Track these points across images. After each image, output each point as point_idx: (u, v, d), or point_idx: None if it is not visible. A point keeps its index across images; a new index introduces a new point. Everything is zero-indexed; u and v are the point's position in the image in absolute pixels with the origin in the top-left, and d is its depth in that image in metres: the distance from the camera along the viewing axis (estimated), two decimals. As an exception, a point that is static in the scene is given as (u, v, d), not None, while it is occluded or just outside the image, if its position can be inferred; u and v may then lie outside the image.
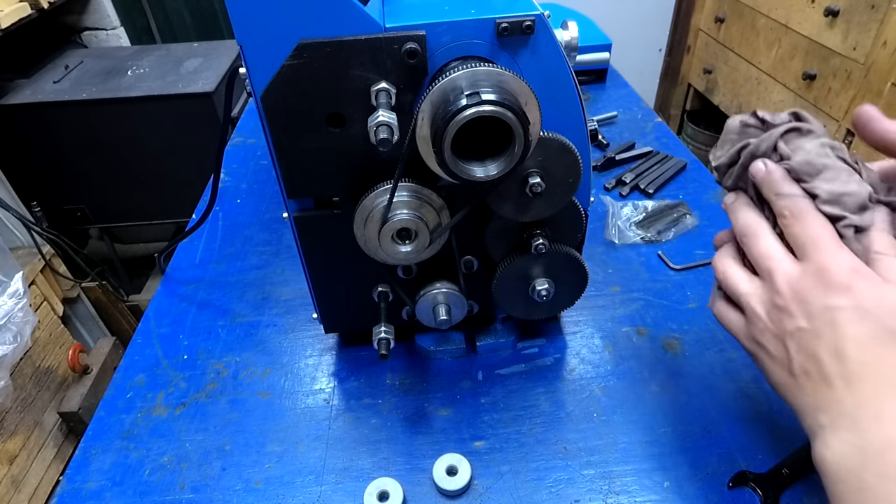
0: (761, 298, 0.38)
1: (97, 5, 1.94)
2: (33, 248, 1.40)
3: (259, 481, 0.52)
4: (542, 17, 0.42)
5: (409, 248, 0.48)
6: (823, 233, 0.35)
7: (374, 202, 0.46)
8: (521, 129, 0.38)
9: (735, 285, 0.40)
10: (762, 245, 0.38)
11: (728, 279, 0.40)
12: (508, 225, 0.51)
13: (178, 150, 1.54)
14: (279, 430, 0.56)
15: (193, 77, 1.52)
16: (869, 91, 1.40)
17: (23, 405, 1.29)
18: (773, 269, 0.37)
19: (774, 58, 1.78)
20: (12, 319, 1.16)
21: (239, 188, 0.94)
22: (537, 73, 0.44)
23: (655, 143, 0.99)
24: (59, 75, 1.56)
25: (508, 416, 0.56)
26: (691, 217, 0.80)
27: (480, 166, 0.41)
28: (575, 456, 0.52)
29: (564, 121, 0.47)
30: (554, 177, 0.46)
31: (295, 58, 0.40)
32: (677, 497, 0.48)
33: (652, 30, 2.47)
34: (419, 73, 0.41)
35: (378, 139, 0.38)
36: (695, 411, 0.55)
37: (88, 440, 0.56)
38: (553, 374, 0.60)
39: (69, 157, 1.54)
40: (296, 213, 0.50)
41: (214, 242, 0.82)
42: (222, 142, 0.59)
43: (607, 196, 0.86)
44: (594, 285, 0.70)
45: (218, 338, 0.66)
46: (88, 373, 1.47)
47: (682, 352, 0.61)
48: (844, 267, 0.34)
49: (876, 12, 1.36)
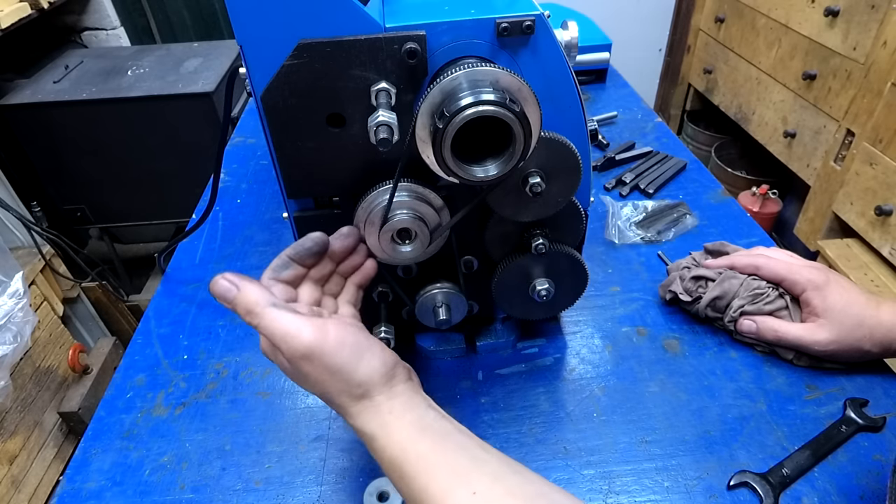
0: None
1: (97, 5, 1.94)
2: (33, 248, 1.40)
3: (259, 481, 0.52)
4: (542, 17, 0.42)
5: (409, 248, 0.48)
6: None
7: (374, 202, 0.46)
8: (521, 129, 0.38)
9: None
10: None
11: None
12: (508, 225, 0.51)
13: (178, 150, 1.54)
14: (279, 430, 0.56)
15: (193, 77, 1.52)
16: (869, 91, 1.40)
17: (23, 405, 1.29)
18: None
19: (774, 58, 1.78)
20: (12, 319, 1.16)
21: (239, 188, 0.94)
22: (537, 73, 0.44)
23: (655, 143, 0.99)
24: (59, 75, 1.56)
25: (508, 415, 0.56)
26: (691, 217, 0.80)
27: (480, 166, 0.41)
28: (575, 456, 0.52)
29: (564, 121, 0.47)
30: (554, 177, 0.46)
31: (295, 58, 0.40)
32: (677, 497, 0.48)
33: (652, 30, 2.47)
34: (419, 73, 0.41)
35: (378, 139, 0.38)
36: (695, 411, 0.55)
37: (88, 440, 0.56)
38: (553, 374, 0.60)
39: (69, 157, 1.54)
40: (296, 213, 0.50)
41: (214, 242, 0.82)
42: (222, 142, 0.59)
43: (607, 196, 0.86)
44: (594, 285, 0.70)
45: (218, 338, 0.66)
46: (88, 373, 1.47)
47: (682, 352, 0.61)
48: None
49: (876, 12, 1.36)
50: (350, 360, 0.39)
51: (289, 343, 0.37)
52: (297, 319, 0.38)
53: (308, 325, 0.38)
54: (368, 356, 0.40)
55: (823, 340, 0.55)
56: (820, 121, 1.60)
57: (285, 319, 0.38)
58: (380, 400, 0.39)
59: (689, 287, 0.63)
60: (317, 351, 0.38)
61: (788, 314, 0.58)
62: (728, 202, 0.84)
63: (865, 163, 1.40)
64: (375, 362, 0.40)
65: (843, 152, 1.50)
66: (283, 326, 0.38)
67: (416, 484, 0.37)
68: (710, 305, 0.61)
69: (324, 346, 0.38)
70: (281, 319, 0.38)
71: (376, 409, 0.39)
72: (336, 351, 0.38)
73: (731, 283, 0.60)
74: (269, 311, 0.38)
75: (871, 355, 0.55)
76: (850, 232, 1.50)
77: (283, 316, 0.38)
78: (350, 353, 0.39)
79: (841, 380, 0.57)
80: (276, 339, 0.38)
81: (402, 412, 0.39)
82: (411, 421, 0.39)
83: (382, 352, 0.41)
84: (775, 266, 0.59)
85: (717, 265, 0.63)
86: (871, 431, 0.52)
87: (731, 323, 0.61)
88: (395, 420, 0.39)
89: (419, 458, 0.37)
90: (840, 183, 1.50)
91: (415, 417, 0.39)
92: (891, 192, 1.33)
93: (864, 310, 0.54)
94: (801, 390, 0.56)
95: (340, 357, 0.38)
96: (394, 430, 0.39)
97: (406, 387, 0.41)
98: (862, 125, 1.43)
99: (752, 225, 0.79)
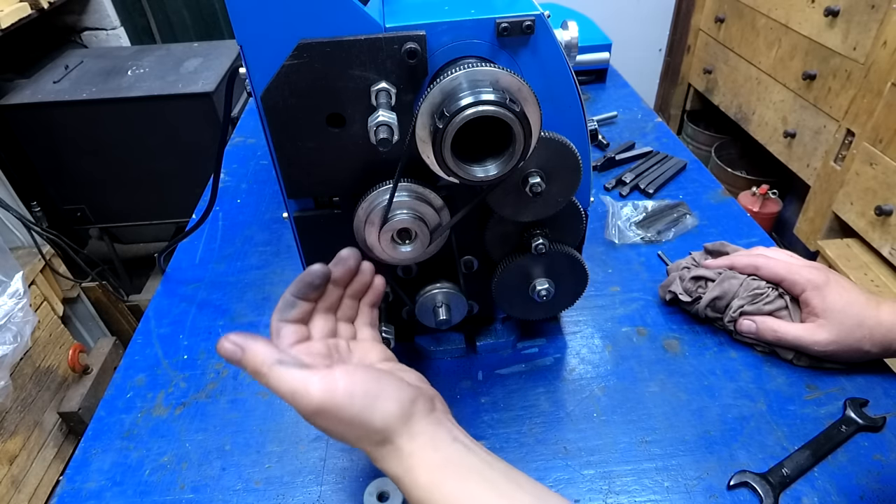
0: None
1: (97, 5, 1.94)
2: (33, 248, 1.40)
3: (259, 481, 0.52)
4: (542, 17, 0.42)
5: (409, 248, 0.48)
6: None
7: (374, 202, 0.46)
8: (521, 129, 0.38)
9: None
10: None
11: None
12: (508, 225, 0.51)
13: (178, 150, 1.54)
14: (279, 430, 0.56)
15: (193, 77, 1.52)
16: (869, 91, 1.40)
17: (23, 405, 1.28)
18: None
19: (774, 58, 1.78)
20: (12, 319, 1.16)
21: (239, 188, 0.94)
22: (537, 73, 0.44)
23: (655, 143, 0.99)
24: (59, 75, 1.56)
25: (508, 415, 0.56)
26: (691, 217, 0.80)
27: (480, 166, 0.41)
28: (575, 456, 0.52)
29: (564, 121, 0.47)
30: (554, 177, 0.46)
31: (295, 58, 0.40)
32: (677, 497, 0.48)
33: (652, 30, 2.47)
34: (419, 73, 0.41)
35: (378, 139, 0.38)
36: (695, 411, 0.55)
37: (88, 440, 0.56)
38: (553, 374, 0.60)
39: (69, 157, 1.54)
40: (296, 213, 0.50)
41: (214, 242, 0.82)
42: (222, 142, 0.59)
43: (607, 196, 0.86)
44: (594, 285, 0.70)
45: (218, 338, 0.66)
46: (88, 373, 1.47)
47: (682, 352, 0.61)
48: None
49: (876, 12, 1.36)
50: (363, 409, 0.37)
51: (298, 402, 0.37)
52: (303, 375, 0.37)
53: (315, 381, 0.37)
54: (382, 401, 0.38)
55: (823, 341, 0.55)
56: (820, 121, 1.60)
57: (292, 377, 0.37)
58: (400, 443, 0.38)
59: (688, 287, 0.63)
60: (327, 406, 0.36)
61: (788, 314, 0.58)
62: (728, 202, 0.84)
63: (865, 163, 1.40)
64: (390, 406, 0.38)
65: (843, 152, 1.50)
66: (290, 385, 0.37)
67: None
68: (709, 305, 0.61)
69: (334, 399, 0.37)
70: (288, 377, 0.37)
71: (398, 452, 0.38)
72: (348, 403, 0.37)
73: (731, 283, 0.60)
74: (275, 371, 0.37)
75: (871, 355, 0.55)
76: (850, 232, 1.50)
77: (289, 374, 0.37)
78: (362, 402, 0.37)
79: (841, 380, 0.57)
80: (286, 399, 0.37)
81: (424, 453, 0.38)
82: (436, 461, 0.38)
83: (398, 391, 0.39)
84: (775, 266, 0.59)
85: (717, 265, 0.63)
86: (871, 431, 0.52)
87: (731, 323, 0.61)
88: (419, 462, 0.38)
89: (446, 499, 0.36)
90: (840, 183, 1.50)
91: (440, 457, 0.38)
92: (891, 192, 1.33)
93: (863, 310, 0.54)
94: (801, 390, 0.56)
95: (353, 409, 0.37)
96: (418, 473, 0.37)
97: (427, 422, 0.39)
98: (862, 125, 1.43)
99: (752, 225, 0.79)
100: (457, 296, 0.54)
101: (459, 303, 0.55)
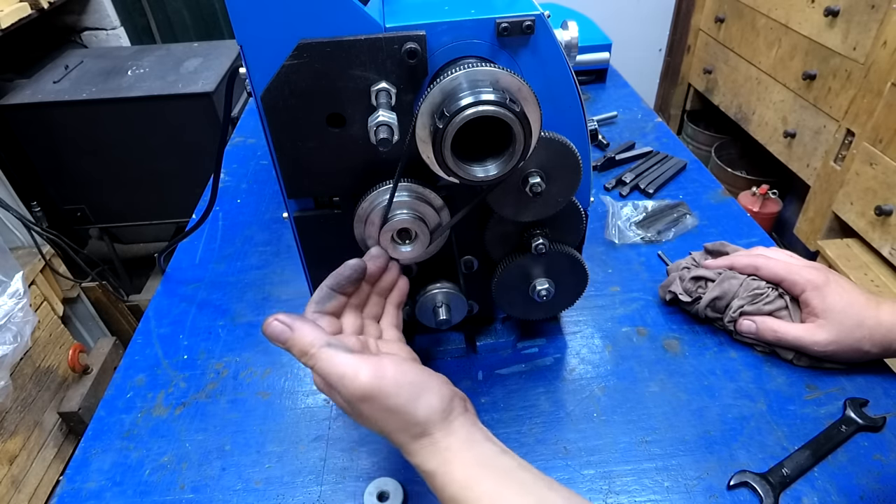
0: None
1: (97, 5, 1.94)
2: (33, 248, 1.40)
3: (259, 481, 0.52)
4: (542, 17, 0.42)
5: (409, 248, 0.48)
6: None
7: (374, 202, 0.46)
8: (521, 129, 0.38)
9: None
10: None
11: None
12: (508, 225, 0.51)
13: (178, 150, 1.54)
14: (279, 430, 0.56)
15: (193, 77, 1.52)
16: (869, 91, 1.40)
17: (23, 405, 1.28)
18: None
19: (774, 58, 1.78)
20: (12, 319, 1.16)
21: (239, 188, 0.94)
22: (537, 73, 0.44)
23: (655, 143, 0.99)
24: (59, 75, 1.56)
25: (508, 415, 0.56)
26: (691, 217, 0.80)
27: (480, 166, 0.41)
28: (575, 456, 0.52)
29: (564, 121, 0.47)
30: (554, 177, 0.46)
31: (295, 58, 0.40)
32: (677, 497, 0.48)
33: (652, 30, 2.47)
34: (419, 73, 0.41)
35: (378, 139, 0.38)
36: (694, 411, 0.55)
37: (88, 440, 0.56)
38: (553, 374, 0.60)
39: (69, 157, 1.54)
40: (296, 213, 0.50)
41: (214, 242, 0.82)
42: (222, 142, 0.59)
43: (607, 196, 0.86)
44: (594, 285, 0.70)
45: (218, 338, 0.66)
46: (88, 373, 1.47)
47: (682, 352, 0.61)
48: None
49: (876, 12, 1.36)
50: (409, 400, 0.38)
51: (346, 386, 0.37)
52: (353, 360, 0.38)
53: (365, 366, 0.37)
54: (427, 394, 0.39)
55: (823, 341, 0.55)
56: (820, 121, 1.60)
57: (342, 360, 0.38)
58: (438, 437, 0.39)
59: (688, 287, 0.63)
60: (375, 392, 0.37)
61: (788, 314, 0.58)
62: (728, 202, 0.84)
63: (865, 163, 1.40)
64: (434, 400, 0.39)
65: (843, 152, 1.50)
66: (339, 368, 0.37)
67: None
68: (709, 306, 0.61)
69: (382, 387, 0.37)
70: (338, 360, 0.38)
71: (435, 446, 0.39)
72: (395, 392, 0.38)
73: (731, 283, 0.60)
74: (325, 352, 0.38)
75: (871, 355, 0.55)
76: (850, 232, 1.50)
77: (339, 357, 0.38)
78: (409, 393, 0.38)
79: (841, 380, 0.57)
80: (332, 381, 0.38)
81: (460, 449, 0.39)
82: (472, 458, 0.38)
83: (440, 387, 0.40)
84: (775, 266, 0.59)
85: (717, 265, 0.63)
86: (871, 431, 0.52)
87: (731, 323, 0.61)
88: (455, 457, 0.38)
89: (482, 497, 0.36)
90: (840, 183, 1.50)
91: (475, 454, 0.39)
92: (891, 192, 1.33)
93: (863, 310, 0.54)
94: (801, 390, 0.56)
95: (399, 398, 0.38)
96: (454, 468, 0.38)
97: (463, 420, 0.40)
98: (862, 125, 1.43)
99: (752, 225, 0.79)
100: (457, 296, 0.54)
101: (459, 303, 0.55)
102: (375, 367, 0.38)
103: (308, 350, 0.38)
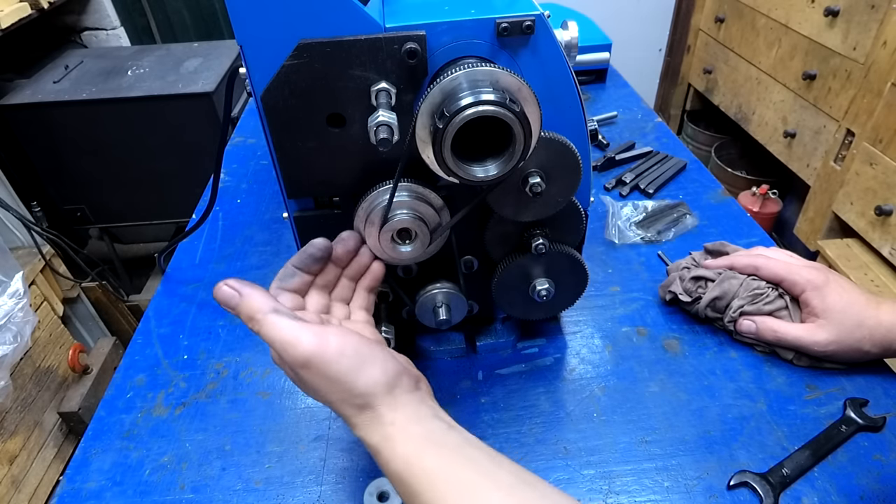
0: None
1: (97, 5, 1.94)
2: (33, 248, 1.40)
3: (259, 481, 0.52)
4: (542, 17, 0.42)
5: (409, 248, 0.48)
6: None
7: (374, 202, 0.46)
8: (521, 129, 0.38)
9: None
10: None
11: None
12: (508, 225, 0.51)
13: (178, 150, 1.54)
14: (279, 430, 0.56)
15: (193, 77, 1.52)
16: (869, 91, 1.40)
17: (23, 405, 1.29)
18: None
19: (774, 58, 1.78)
20: (12, 319, 1.16)
21: (239, 188, 0.94)
22: (537, 73, 0.44)
23: (655, 143, 0.99)
24: (59, 75, 1.56)
25: (508, 415, 0.56)
26: (691, 217, 0.80)
27: (480, 166, 0.41)
28: (575, 456, 0.52)
29: (564, 121, 0.47)
30: (554, 177, 0.46)
31: (295, 58, 0.40)
32: (677, 497, 0.48)
33: (652, 30, 2.47)
34: (419, 73, 0.41)
35: (378, 139, 0.38)
36: (694, 411, 0.55)
37: (88, 440, 0.56)
38: (553, 374, 0.60)
39: (69, 157, 1.54)
40: (296, 213, 0.50)
41: (214, 242, 0.82)
42: (222, 142, 0.59)
43: (607, 196, 0.86)
44: (594, 285, 0.70)
45: (218, 338, 0.66)
46: (88, 373, 1.47)
47: (682, 352, 0.61)
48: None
49: (876, 12, 1.36)
50: (350, 369, 0.38)
51: (288, 351, 0.37)
52: (297, 326, 0.38)
53: (308, 333, 0.38)
54: (369, 365, 0.39)
55: (823, 341, 0.55)
56: (820, 121, 1.60)
57: (285, 326, 0.38)
58: (382, 411, 0.39)
59: (688, 287, 0.63)
60: (316, 359, 0.37)
61: (788, 314, 0.58)
62: (728, 202, 0.84)
63: (865, 163, 1.40)
64: (376, 372, 0.39)
65: (843, 152, 1.50)
66: (282, 333, 0.37)
67: (423, 500, 0.36)
68: (709, 306, 0.61)
69: (323, 354, 0.37)
70: (281, 326, 0.38)
71: (379, 420, 0.38)
72: (335, 360, 0.38)
73: (731, 283, 0.60)
74: (270, 318, 0.38)
75: (871, 356, 0.55)
76: (850, 232, 1.50)
77: (283, 322, 0.38)
78: (350, 362, 0.38)
79: (841, 380, 0.57)
80: (276, 346, 0.38)
81: (405, 424, 0.38)
82: (416, 433, 0.38)
83: (385, 361, 0.40)
84: (775, 266, 0.59)
85: (717, 265, 0.63)
86: (871, 431, 0.52)
87: (731, 323, 0.61)
88: (398, 432, 0.38)
89: (425, 472, 0.36)
90: (840, 183, 1.50)
91: (420, 430, 0.38)
92: (891, 192, 1.33)
93: (863, 310, 0.54)
94: (801, 390, 0.56)
95: (340, 366, 0.38)
96: (397, 442, 0.38)
97: (411, 397, 0.40)
98: (862, 125, 1.43)
99: (752, 225, 0.79)
100: (457, 296, 0.54)
101: (459, 303, 0.55)
102: (318, 334, 0.38)
103: (254, 315, 0.38)
